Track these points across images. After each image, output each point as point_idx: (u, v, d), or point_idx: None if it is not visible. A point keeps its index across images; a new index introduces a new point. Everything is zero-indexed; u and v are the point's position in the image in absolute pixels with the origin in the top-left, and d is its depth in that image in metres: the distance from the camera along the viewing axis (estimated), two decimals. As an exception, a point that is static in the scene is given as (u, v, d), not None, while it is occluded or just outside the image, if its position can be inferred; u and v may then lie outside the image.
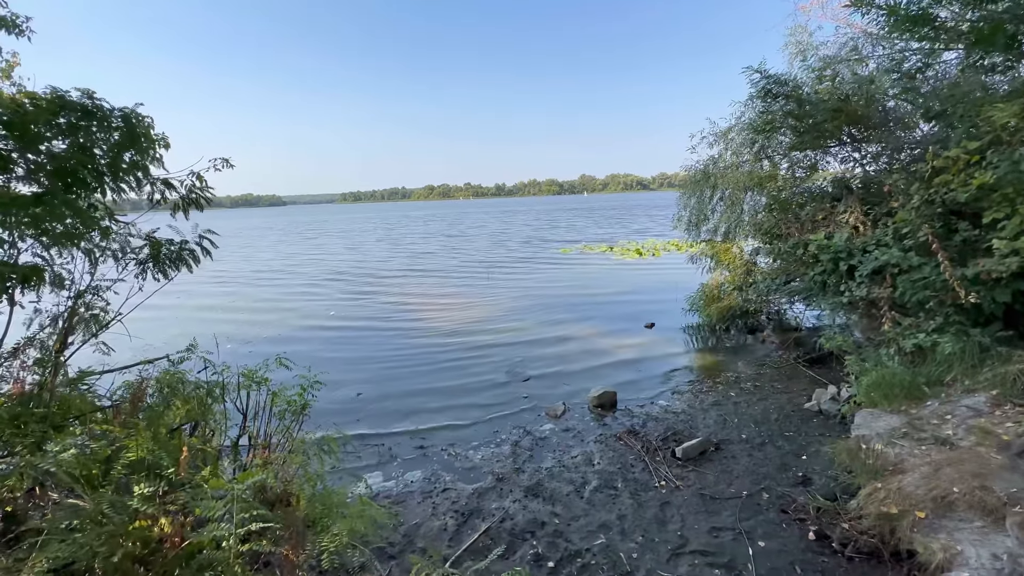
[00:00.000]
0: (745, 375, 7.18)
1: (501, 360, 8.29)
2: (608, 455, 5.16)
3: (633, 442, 5.34)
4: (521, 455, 5.26)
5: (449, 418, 6.25)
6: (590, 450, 5.30)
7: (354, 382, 7.42)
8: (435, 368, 8.06)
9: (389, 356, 8.72)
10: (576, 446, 5.42)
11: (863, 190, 6.90)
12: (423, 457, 5.31)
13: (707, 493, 4.42)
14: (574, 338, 9.42)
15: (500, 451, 5.37)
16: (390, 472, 5.02)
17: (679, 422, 5.81)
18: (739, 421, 5.77)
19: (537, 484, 4.67)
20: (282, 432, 3.73)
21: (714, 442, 5.27)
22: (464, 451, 5.41)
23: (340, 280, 17.35)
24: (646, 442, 5.32)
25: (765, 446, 5.18)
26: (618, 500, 4.39)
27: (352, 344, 9.52)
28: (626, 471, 4.84)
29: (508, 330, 9.99)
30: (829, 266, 6.29)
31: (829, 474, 4.46)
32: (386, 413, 6.45)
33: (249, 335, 10.11)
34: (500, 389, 7.11)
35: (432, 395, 6.98)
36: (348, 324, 11.00)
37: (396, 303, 12.94)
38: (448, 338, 9.66)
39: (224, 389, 3.60)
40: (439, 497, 4.54)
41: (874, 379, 4.97)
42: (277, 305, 13.29)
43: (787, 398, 6.29)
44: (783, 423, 5.64)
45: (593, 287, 14.18)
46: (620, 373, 7.56)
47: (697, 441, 5.14)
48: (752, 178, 8.60)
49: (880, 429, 4.34)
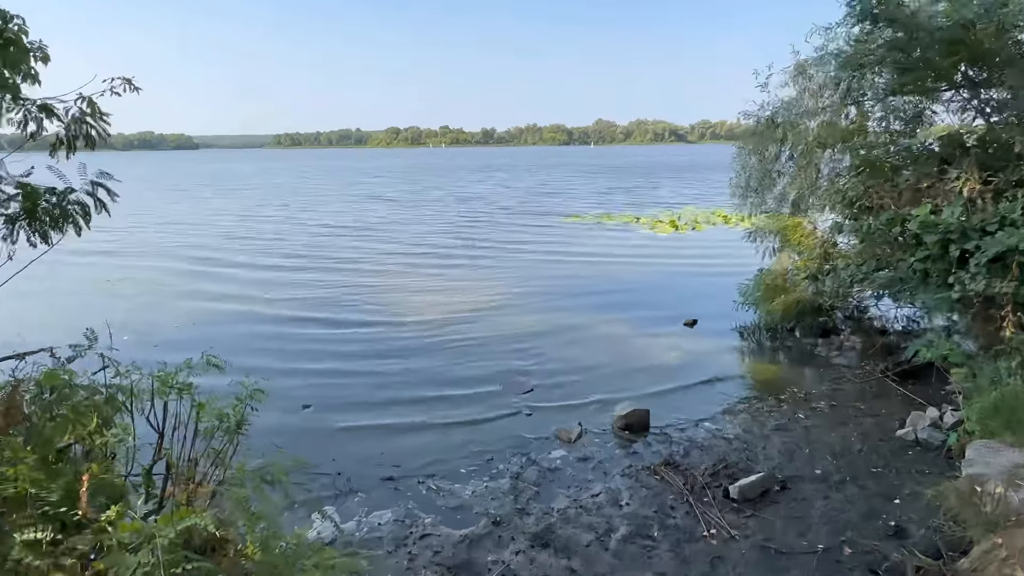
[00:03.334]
0: (818, 391, 7.20)
1: (495, 365, 8.26)
2: (640, 494, 5.15)
3: (673, 477, 5.34)
4: (525, 492, 5.25)
5: (428, 440, 6.20)
6: (616, 487, 5.29)
7: (300, 390, 7.37)
8: (407, 373, 8.01)
9: (345, 356, 8.66)
10: (597, 481, 5.41)
11: (982, 150, 6.88)
12: (394, 492, 5.29)
13: (771, 546, 4.43)
14: (591, 338, 9.41)
15: (497, 486, 5.35)
16: (350, 510, 4.98)
17: (732, 451, 5.82)
18: (811, 452, 5.78)
19: (547, 531, 4.66)
20: (212, 457, 3.65)
21: (779, 479, 5.28)
22: (448, 484, 5.38)
23: (275, 251, 17.20)
24: (690, 477, 5.32)
25: (846, 485, 5.20)
26: (655, 554, 4.39)
27: (296, 339, 9.44)
28: (664, 515, 4.84)
29: (504, 326, 9.95)
30: (935, 250, 6.29)
31: (931, 524, 4.50)
32: (343, 431, 6.40)
33: (154, 324, 9.97)
34: (495, 403, 7.08)
35: (404, 408, 6.93)
36: (291, 311, 10.93)
37: (353, 285, 12.88)
38: (424, 333, 9.60)
39: (133, 397, 3.50)
40: (416, 546, 4.52)
41: (992, 402, 5.01)
42: (191, 284, 13.15)
43: (873, 422, 6.32)
44: (869, 455, 5.67)
45: (615, 270, 14.19)
46: (653, 385, 7.54)
47: (757, 478, 5.15)
48: (834, 131, 8.54)
49: (1001, 467, 4.37)
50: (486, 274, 13.97)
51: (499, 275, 13.76)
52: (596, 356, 8.59)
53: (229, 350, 4.47)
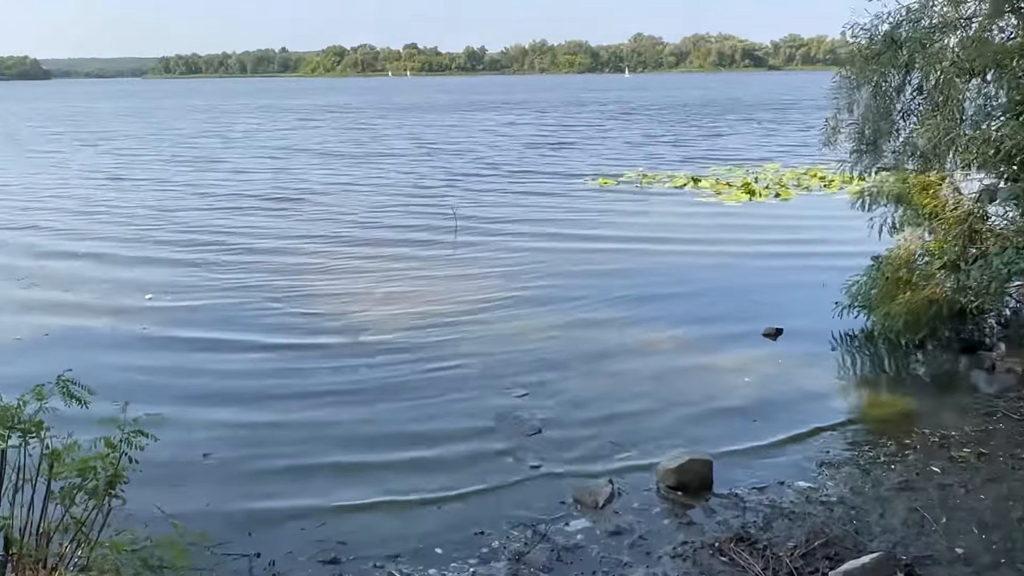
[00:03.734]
0: (959, 434, 7.20)
1: (486, 391, 8.30)
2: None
3: (748, 559, 5.35)
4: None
5: (388, 506, 6.23)
6: (664, 572, 5.29)
7: (197, 430, 7.41)
8: (356, 403, 8.03)
9: (263, 379, 8.68)
10: (637, 564, 5.42)
11: None
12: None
13: (891, 658, 4.46)
14: (626, 359, 9.44)
15: (488, 572, 5.35)
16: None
17: (834, 522, 5.82)
18: (949, 521, 5.78)
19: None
20: (71, 530, 3.69)
21: (903, 562, 5.28)
22: (420, 570, 5.38)
23: (157, 234, 17.22)
24: (772, 559, 5.33)
25: (1000, 570, 5.20)
26: (720, 670, 4.42)
27: (190, 356, 9.47)
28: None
29: (500, 344, 9.96)
30: None
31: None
32: (263, 496, 6.40)
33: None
34: (486, 445, 7.14)
35: (351, 454, 6.96)
36: (182, 317, 10.87)
37: (274, 286, 12.88)
38: (380, 347, 9.63)
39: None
40: (372, 664, 4.54)
41: None
42: (32, 288, 13.09)
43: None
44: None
45: (661, 259, 14.24)
46: (717, 425, 7.57)
47: (871, 560, 5.16)
48: (984, 51, 8.55)
49: None
50: (473, 267, 13.99)
51: (492, 268, 13.78)
52: (633, 385, 8.62)
53: (93, 380, 4.47)
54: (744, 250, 14.72)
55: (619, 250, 14.88)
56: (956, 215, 9.13)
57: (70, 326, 10.86)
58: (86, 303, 11.87)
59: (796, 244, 14.93)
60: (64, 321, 11.10)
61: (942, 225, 9.25)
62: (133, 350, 9.89)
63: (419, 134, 38.72)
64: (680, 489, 6.33)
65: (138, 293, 12.33)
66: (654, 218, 18.10)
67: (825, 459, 6.88)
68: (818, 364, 9.15)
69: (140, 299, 12.01)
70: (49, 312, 11.41)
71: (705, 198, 20.57)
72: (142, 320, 11.05)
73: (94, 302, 12.04)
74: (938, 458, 6.78)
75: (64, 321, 11.10)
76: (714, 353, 9.51)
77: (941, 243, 9.17)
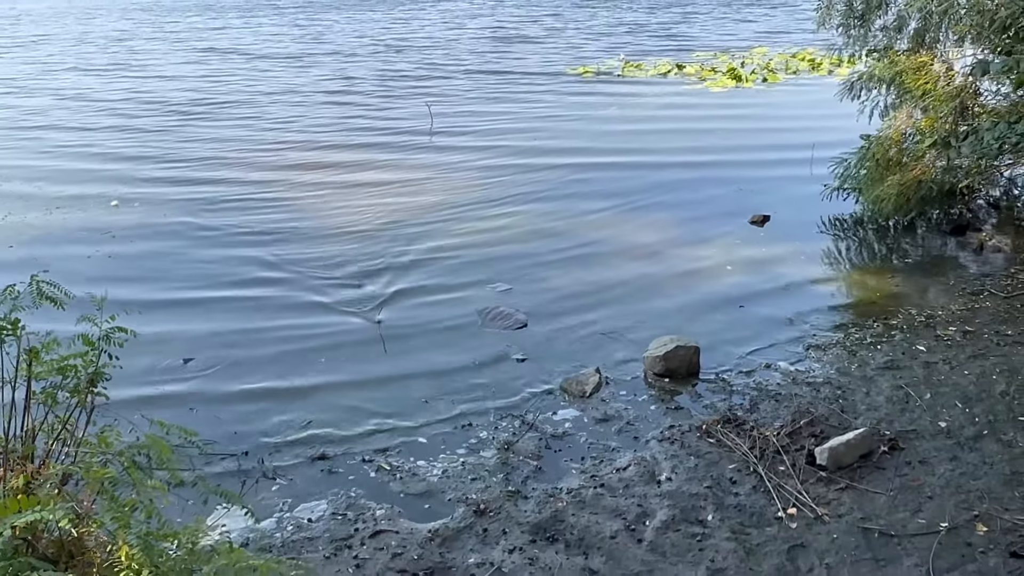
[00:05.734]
0: (946, 312, 7.35)
1: (469, 290, 8.32)
2: (687, 464, 5.34)
3: (734, 439, 5.51)
4: (520, 468, 5.41)
5: (374, 401, 6.33)
6: (652, 456, 5.47)
7: (175, 338, 7.40)
8: (336, 306, 8.05)
9: (241, 287, 8.64)
10: (624, 449, 5.59)
11: None
12: (328, 475, 5.43)
13: (875, 527, 4.65)
14: (611, 248, 9.49)
15: (479, 462, 5.51)
16: (267, 503, 5.12)
17: (820, 402, 5.99)
18: (934, 398, 5.97)
19: (554, 519, 4.85)
20: (54, 428, 3.72)
21: (887, 437, 5.47)
22: (408, 462, 5.53)
23: (114, 120, 16.83)
24: (758, 439, 5.50)
25: (982, 442, 5.40)
26: (708, 545, 4.59)
27: (164, 262, 9.36)
28: (721, 492, 5.04)
29: (480, 230, 10.00)
30: None
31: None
32: (247, 395, 6.50)
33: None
34: (471, 344, 7.20)
35: (334, 352, 6.99)
36: (150, 220, 10.70)
37: (238, 180, 12.62)
38: (358, 249, 9.58)
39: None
40: (366, 547, 4.68)
41: None
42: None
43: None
44: (1017, 400, 5.86)
45: (646, 147, 14.11)
46: (704, 311, 7.66)
47: (855, 436, 5.33)
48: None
49: None
50: (450, 166, 13.68)
51: (470, 166, 13.41)
52: (618, 272, 8.69)
53: (66, 279, 4.40)
54: (730, 137, 14.56)
55: (602, 143, 14.66)
56: (947, 91, 9.06)
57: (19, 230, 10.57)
58: (45, 199, 11.54)
59: (784, 131, 14.79)
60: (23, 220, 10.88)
61: (933, 103, 9.18)
62: (101, 246, 9.74)
63: (373, 32, 37.26)
64: (667, 376, 6.47)
65: (96, 192, 11.90)
66: (637, 110, 17.81)
67: (812, 342, 7.04)
68: (806, 249, 9.24)
69: (100, 203, 11.69)
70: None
71: (690, 85, 20.24)
72: (105, 216, 10.88)
73: (35, 202, 11.65)
74: (924, 337, 6.94)
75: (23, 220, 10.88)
76: (701, 241, 9.55)
77: (932, 121, 9.12)
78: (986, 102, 8.84)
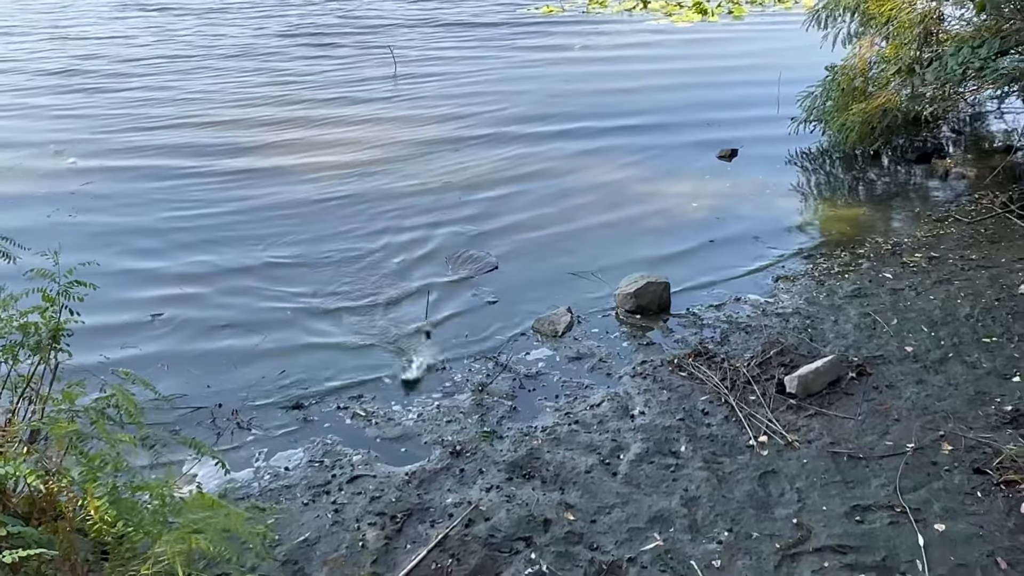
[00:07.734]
0: (911, 239, 7.51)
1: (435, 233, 8.36)
2: (659, 398, 5.47)
3: (705, 372, 5.65)
4: (494, 409, 5.53)
5: (344, 349, 6.39)
6: (624, 391, 5.60)
7: (142, 293, 7.36)
8: (304, 248, 8.07)
9: (204, 236, 8.56)
10: (597, 386, 5.71)
11: None
12: (303, 424, 5.51)
13: (843, 451, 4.82)
14: (578, 186, 9.54)
15: (453, 404, 5.61)
16: (243, 455, 5.18)
17: (789, 332, 6.14)
18: (900, 323, 6.13)
19: (529, 457, 4.97)
20: (19, 386, 3.74)
21: (854, 363, 5.63)
22: (383, 407, 5.62)
23: (55, 65, 16.47)
24: (729, 371, 5.64)
25: (947, 364, 5.59)
26: (681, 475, 4.74)
27: (126, 209, 9.26)
28: (693, 424, 5.18)
29: (445, 179, 9.95)
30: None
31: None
32: (218, 350, 6.51)
33: None
34: (439, 288, 7.27)
35: (304, 299, 7.06)
36: (110, 164, 10.57)
37: (195, 122, 12.45)
38: (323, 194, 9.54)
39: None
40: (344, 492, 4.77)
41: None
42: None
43: (988, 277, 6.69)
44: (980, 322, 6.04)
45: (613, 85, 14.05)
46: (673, 246, 7.76)
47: (824, 363, 5.48)
48: None
49: None
50: (416, 110, 13.53)
51: (435, 110, 13.27)
52: (587, 211, 8.73)
53: (18, 234, 4.36)
54: (696, 72, 14.48)
55: (569, 85, 14.51)
56: (911, 17, 9.07)
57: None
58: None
59: (751, 66, 14.72)
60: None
61: (897, 30, 9.21)
62: (56, 202, 9.48)
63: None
64: (639, 312, 6.58)
65: (43, 138, 11.68)
66: (604, 51, 17.64)
67: (780, 273, 7.17)
68: (773, 182, 9.33)
69: (58, 162, 11.48)
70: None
71: (656, 20, 20.08)
72: (55, 169, 10.62)
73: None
74: (890, 264, 7.10)
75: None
76: (669, 178, 9.60)
77: (896, 48, 9.16)
78: (950, 27, 8.86)
